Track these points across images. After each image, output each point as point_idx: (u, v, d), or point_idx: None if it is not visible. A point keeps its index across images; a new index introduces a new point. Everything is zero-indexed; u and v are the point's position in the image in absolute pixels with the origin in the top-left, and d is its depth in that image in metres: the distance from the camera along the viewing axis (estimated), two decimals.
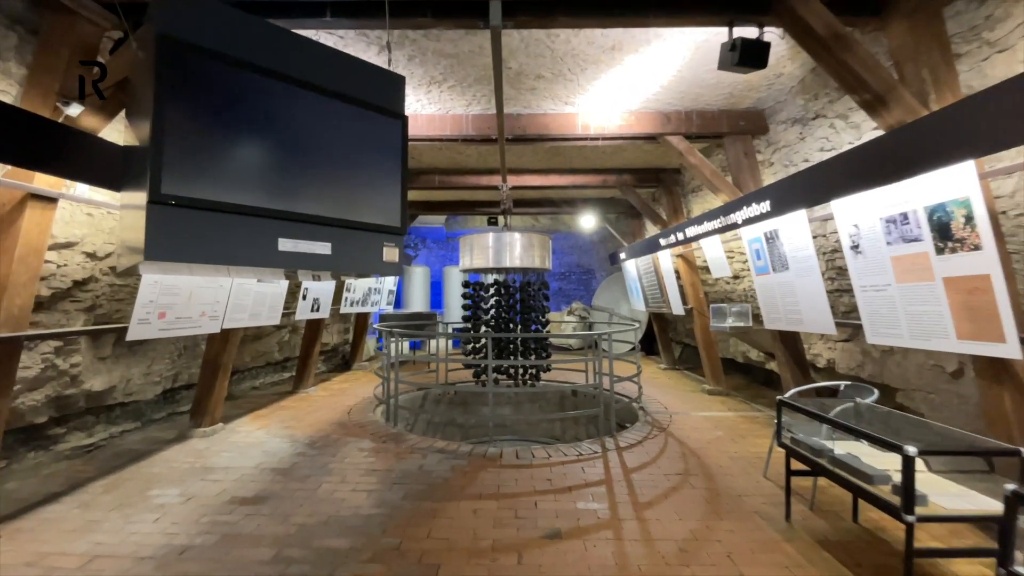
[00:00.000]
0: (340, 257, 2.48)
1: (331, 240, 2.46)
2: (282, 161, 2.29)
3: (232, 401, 6.76)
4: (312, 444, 4.88)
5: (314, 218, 2.39)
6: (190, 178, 2.03)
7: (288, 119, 2.31)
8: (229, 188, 2.13)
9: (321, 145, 2.42)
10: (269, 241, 2.27)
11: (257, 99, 2.21)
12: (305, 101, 2.37)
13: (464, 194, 9.30)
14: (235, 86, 2.14)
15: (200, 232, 2.07)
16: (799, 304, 4.52)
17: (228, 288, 4.92)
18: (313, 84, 2.37)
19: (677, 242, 6.56)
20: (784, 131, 5.06)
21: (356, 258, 2.56)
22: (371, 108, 2.63)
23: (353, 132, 2.55)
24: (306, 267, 2.41)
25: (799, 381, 5.09)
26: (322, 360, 9.52)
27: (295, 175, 2.33)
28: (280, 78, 2.27)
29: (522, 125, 5.12)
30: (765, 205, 4.29)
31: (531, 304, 6.34)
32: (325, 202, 2.43)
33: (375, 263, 2.63)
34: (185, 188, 2.02)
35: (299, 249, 2.35)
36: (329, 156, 2.45)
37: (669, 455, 4.61)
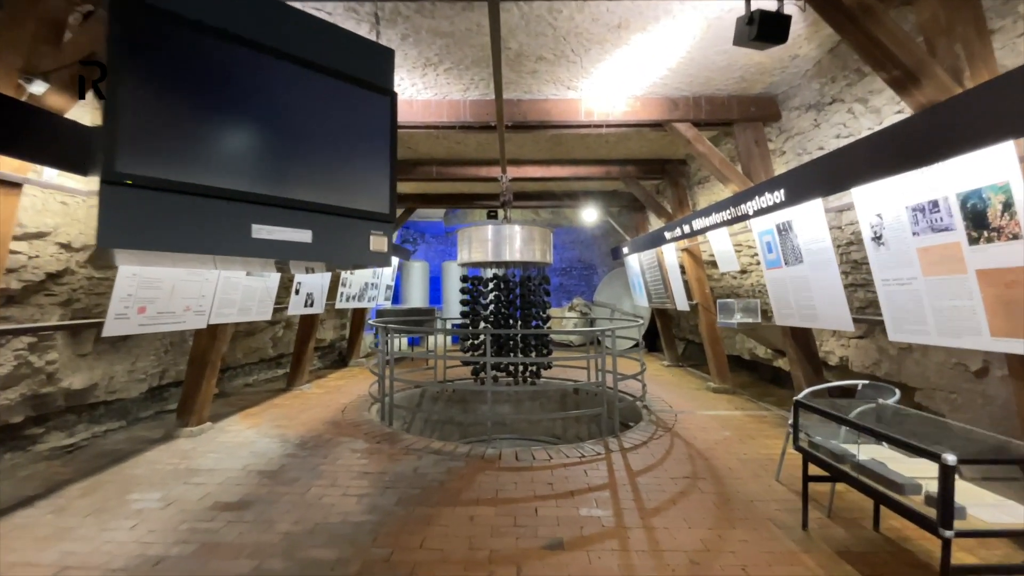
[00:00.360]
0: (322, 246, 2.26)
1: (311, 227, 2.24)
2: (256, 139, 2.07)
3: (224, 399, 6.56)
4: (303, 444, 4.68)
5: (292, 203, 2.16)
6: (150, 156, 1.81)
7: (263, 92, 2.09)
8: (195, 168, 1.91)
9: (300, 122, 2.20)
10: (241, 228, 2.05)
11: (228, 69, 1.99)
12: (282, 73, 2.15)
13: (463, 186, 9.07)
14: (203, 54, 1.91)
15: (161, 217, 1.85)
16: (813, 299, 4.30)
17: (215, 282, 4.70)
18: (292, 55, 2.15)
19: (683, 235, 6.34)
20: (797, 118, 4.82)
21: (340, 247, 2.34)
22: (357, 83, 2.40)
23: (337, 109, 2.33)
24: (284, 256, 2.19)
25: (811, 380, 4.88)
26: (318, 356, 9.31)
27: (271, 155, 2.11)
28: (254, 47, 2.04)
29: (522, 111, 4.89)
30: (779, 195, 4.06)
31: (531, 299, 6.12)
32: (305, 185, 2.21)
33: (361, 253, 2.41)
34: (143, 166, 1.79)
35: (275, 237, 2.13)
36: (309, 135, 2.23)
37: (676, 457, 4.41)
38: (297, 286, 6.41)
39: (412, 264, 13.04)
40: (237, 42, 1.99)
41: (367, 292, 9.21)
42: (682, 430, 5.20)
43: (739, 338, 7.80)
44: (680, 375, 8.40)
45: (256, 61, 2.06)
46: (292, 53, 2.15)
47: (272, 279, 5.73)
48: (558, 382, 7.74)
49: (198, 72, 1.91)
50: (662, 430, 5.19)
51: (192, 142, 1.90)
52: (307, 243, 2.23)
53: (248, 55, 2.02)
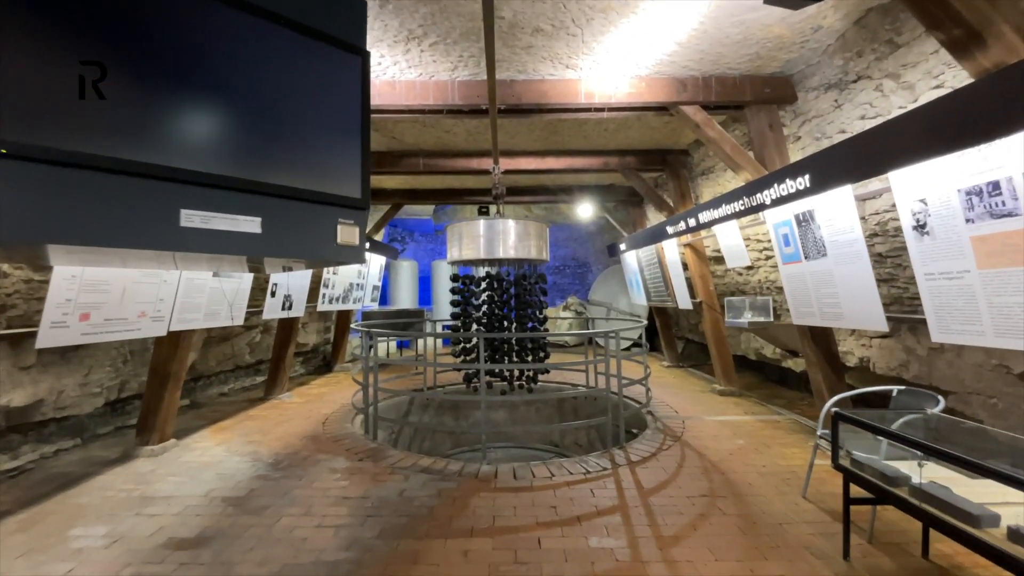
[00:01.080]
0: (274, 237, 1.80)
1: (261, 214, 1.78)
2: (187, 101, 1.60)
3: (195, 410, 6.05)
4: (277, 464, 4.20)
5: (236, 183, 1.70)
6: (30, 115, 1.34)
7: (197, 40, 1.63)
8: (99, 134, 1.44)
9: (247, 82, 1.74)
10: (165, 214, 1.59)
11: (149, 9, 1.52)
12: (223, 20, 1.69)
13: (452, 180, 8.61)
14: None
15: (50, 199, 1.38)
16: (839, 296, 3.91)
17: (175, 284, 4.21)
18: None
19: (687, 229, 5.94)
20: (815, 99, 4.44)
21: (298, 239, 1.88)
22: (320, 38, 1.95)
23: (295, 68, 1.87)
24: (224, 251, 1.73)
25: (832, 383, 4.50)
26: (300, 362, 8.81)
27: (208, 122, 1.65)
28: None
29: (516, 93, 4.45)
30: (802, 181, 3.67)
31: (527, 299, 5.69)
32: (253, 161, 1.75)
33: (326, 246, 1.96)
34: (24, 130, 1.33)
35: (212, 226, 1.66)
36: (259, 98, 1.77)
37: (689, 471, 4.00)
38: (273, 287, 5.92)
39: (400, 263, 12.55)
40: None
41: (352, 293, 8.72)
42: (692, 439, 4.81)
43: (744, 337, 7.44)
44: (682, 376, 8.03)
45: (190, 1, 1.60)
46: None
47: (245, 280, 5.25)
48: (555, 386, 7.36)
49: (101, 7, 1.45)
50: (670, 439, 4.79)
51: (96, 99, 1.44)
52: (255, 234, 1.78)
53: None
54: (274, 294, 5.94)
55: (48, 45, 1.35)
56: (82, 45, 1.41)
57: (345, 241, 2.03)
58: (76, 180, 1.40)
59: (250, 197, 1.75)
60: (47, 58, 1.35)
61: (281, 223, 1.83)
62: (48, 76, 1.34)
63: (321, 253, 1.97)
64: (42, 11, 1.35)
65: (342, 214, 2.02)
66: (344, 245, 2.02)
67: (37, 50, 1.33)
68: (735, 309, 5.57)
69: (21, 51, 1.30)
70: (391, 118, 5.35)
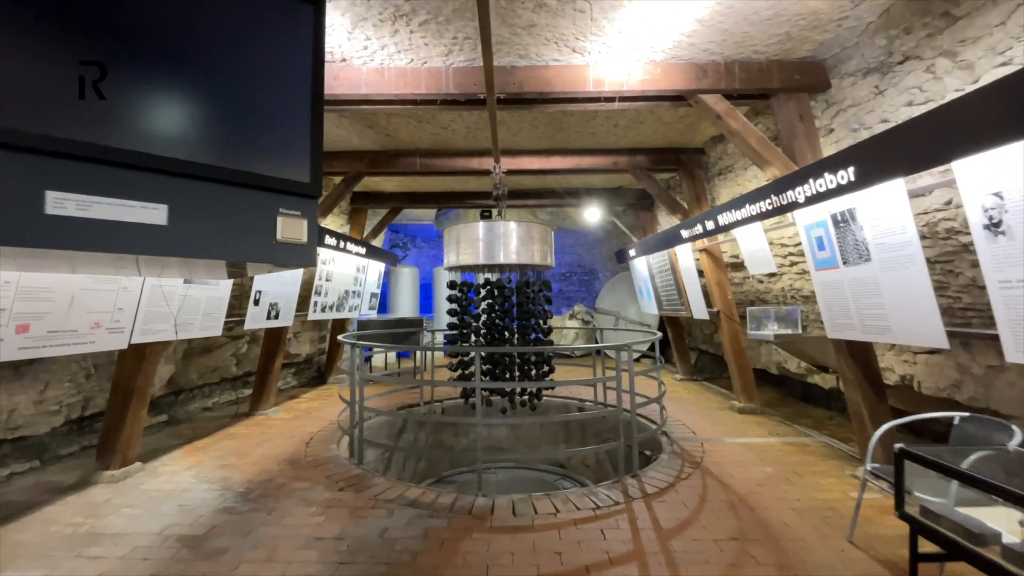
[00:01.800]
0: (187, 231, 1.35)
1: (168, 200, 1.33)
2: (55, 38, 1.17)
3: (172, 428, 5.62)
4: (247, 494, 3.74)
5: (130, 156, 1.27)
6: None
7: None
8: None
9: (149, 24, 1.31)
10: (22, 197, 1.15)
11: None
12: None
13: (452, 182, 8.19)
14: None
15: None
16: (885, 306, 3.42)
17: (137, 291, 3.79)
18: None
19: (704, 232, 5.47)
20: (852, 86, 3.97)
21: (220, 234, 1.43)
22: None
23: (223, 8, 1.44)
24: (112, 247, 1.28)
25: (873, 405, 3.99)
26: (292, 373, 8.38)
27: (88, 75, 1.21)
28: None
29: (518, 81, 4.02)
30: (844, 175, 3.20)
31: (530, 308, 5.23)
32: (158, 128, 1.31)
33: (259, 244, 1.51)
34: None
35: (93, 214, 1.22)
36: (166, 45, 1.34)
37: (713, 506, 3.50)
38: (257, 295, 5.49)
39: (401, 270, 12.14)
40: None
41: (347, 301, 8.30)
42: (713, 465, 4.30)
43: (764, 350, 6.92)
44: (697, 391, 7.50)
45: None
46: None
47: (222, 287, 4.83)
48: (561, 402, 6.87)
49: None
50: (689, 465, 4.29)
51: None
52: (159, 227, 1.33)
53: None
54: (258, 302, 5.52)
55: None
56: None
57: (288, 238, 1.57)
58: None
59: (152, 177, 1.31)
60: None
61: (197, 213, 1.38)
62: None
63: (253, 253, 1.51)
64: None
65: (284, 203, 1.57)
66: (286, 243, 1.57)
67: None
68: (758, 320, 5.08)
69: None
70: (383, 111, 4.94)
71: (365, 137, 5.91)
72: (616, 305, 11.44)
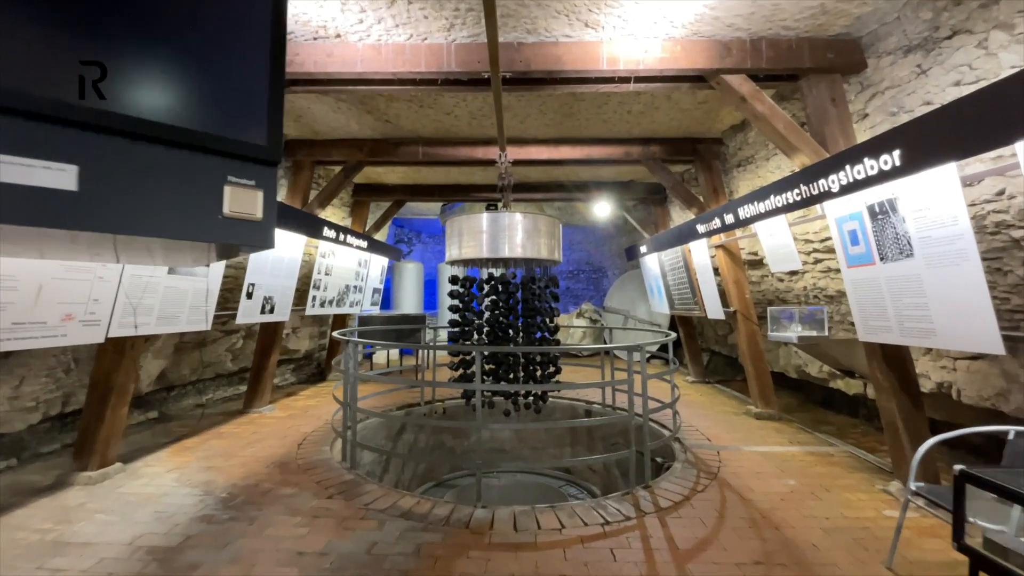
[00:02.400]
0: (103, 200, 1.07)
1: (78, 160, 1.05)
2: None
3: (162, 425, 5.40)
4: (229, 500, 3.49)
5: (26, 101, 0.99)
6: None
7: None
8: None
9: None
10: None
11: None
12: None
13: (457, 174, 7.91)
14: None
15: None
16: (929, 307, 3.09)
17: (115, 280, 3.54)
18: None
19: (723, 227, 5.14)
20: (891, 65, 3.63)
21: (147, 205, 1.15)
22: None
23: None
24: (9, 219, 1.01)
25: (909, 415, 3.66)
26: (291, 370, 8.15)
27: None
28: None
29: (525, 58, 3.72)
30: (888, 160, 2.87)
31: (536, 305, 4.93)
32: (64, 67, 1.03)
33: (199, 219, 1.22)
34: None
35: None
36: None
37: (733, 523, 3.20)
38: (250, 288, 5.24)
39: (404, 265, 11.89)
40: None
41: (348, 296, 8.05)
42: (731, 476, 3.99)
43: (783, 352, 6.58)
44: (710, 394, 7.17)
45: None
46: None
47: (212, 278, 4.58)
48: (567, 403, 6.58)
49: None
50: (705, 476, 3.98)
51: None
52: (68, 193, 1.05)
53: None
54: (251, 295, 5.27)
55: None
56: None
57: (237, 212, 1.28)
58: None
59: (56, 131, 1.03)
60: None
61: (116, 178, 1.10)
62: None
63: (191, 230, 1.23)
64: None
65: (234, 169, 1.29)
66: (235, 218, 1.28)
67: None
68: (780, 321, 4.75)
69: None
70: (381, 94, 4.67)
71: (364, 124, 5.63)
72: (625, 304, 11.12)
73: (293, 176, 6.30)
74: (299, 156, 6.19)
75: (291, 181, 6.31)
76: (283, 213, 5.32)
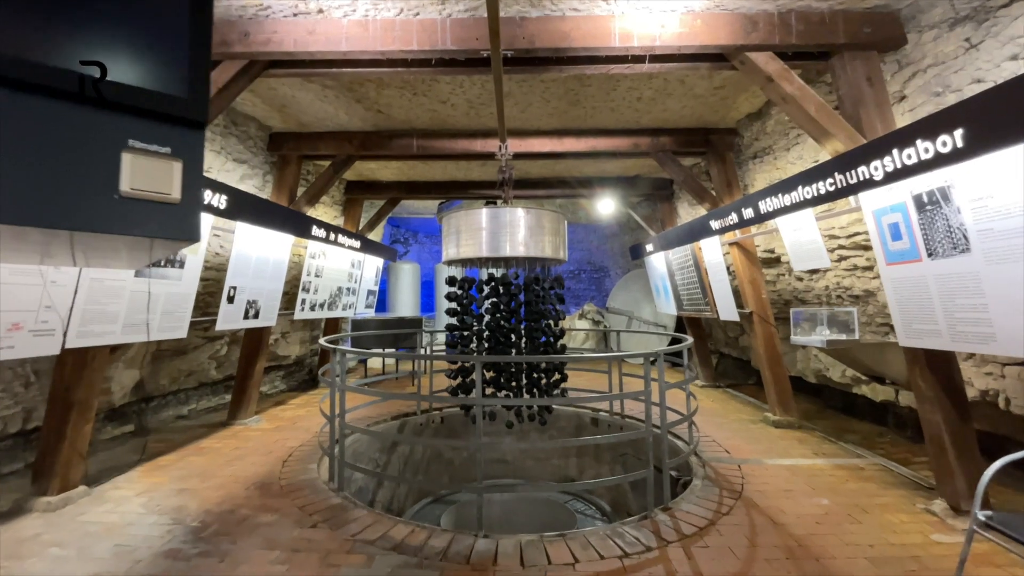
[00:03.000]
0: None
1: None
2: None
3: (139, 439, 5.01)
4: (200, 531, 3.11)
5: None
6: None
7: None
8: None
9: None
10: None
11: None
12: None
13: (455, 170, 7.53)
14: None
15: None
16: (989, 308, 2.73)
17: (72, 285, 3.16)
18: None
19: (740, 222, 4.78)
20: (934, 40, 3.27)
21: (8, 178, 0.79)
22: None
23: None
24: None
25: (955, 428, 3.30)
26: (281, 376, 7.76)
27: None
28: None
29: (528, 34, 3.35)
30: (947, 141, 2.51)
31: (540, 308, 4.56)
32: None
33: (85, 200, 0.86)
34: None
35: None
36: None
37: (768, 554, 2.83)
38: (231, 291, 4.86)
39: (401, 266, 11.51)
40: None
41: (340, 299, 7.68)
42: (756, 495, 3.63)
43: (801, 355, 6.22)
44: (722, 400, 6.81)
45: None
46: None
47: (186, 281, 4.20)
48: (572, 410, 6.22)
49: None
50: (729, 495, 3.62)
51: None
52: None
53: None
54: (232, 299, 4.89)
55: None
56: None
57: (143, 190, 0.90)
58: None
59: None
60: None
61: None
62: None
63: (71, 215, 0.86)
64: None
65: (138, 130, 0.92)
66: (141, 199, 0.91)
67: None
68: (806, 324, 4.39)
69: None
70: (370, 78, 4.30)
71: (354, 114, 5.26)
72: (629, 304, 10.76)
73: (279, 171, 5.91)
74: (285, 150, 5.81)
75: (277, 177, 5.93)
76: (267, 211, 4.95)
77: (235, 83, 3.60)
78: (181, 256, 4.07)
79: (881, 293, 4.42)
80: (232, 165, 5.35)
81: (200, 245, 4.26)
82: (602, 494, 5.70)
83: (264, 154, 5.82)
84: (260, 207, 4.80)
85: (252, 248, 4.99)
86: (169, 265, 3.96)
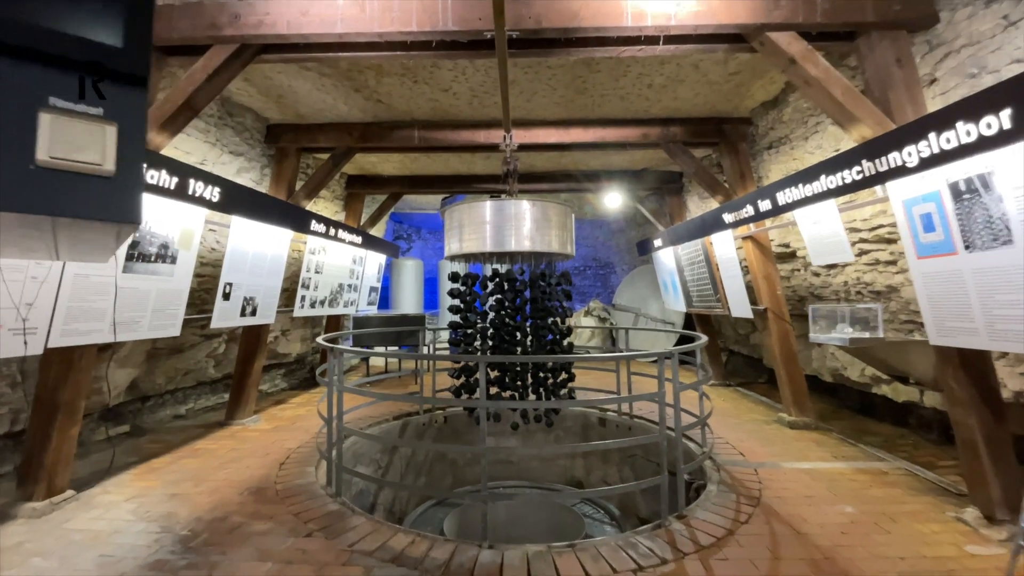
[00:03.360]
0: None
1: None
2: None
3: (134, 440, 4.87)
4: (189, 540, 2.95)
5: None
6: None
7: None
8: None
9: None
10: None
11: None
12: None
13: (458, 164, 7.35)
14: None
15: None
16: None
17: (55, 282, 3.00)
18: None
19: (756, 215, 4.58)
20: (968, 19, 3.06)
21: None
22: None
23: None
24: None
25: (990, 432, 3.10)
26: (281, 375, 7.62)
27: None
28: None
29: (535, 14, 3.15)
30: (993, 122, 2.30)
31: (546, 305, 4.39)
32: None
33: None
34: None
35: None
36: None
37: (792, 568, 2.65)
38: (227, 288, 4.70)
39: (404, 263, 11.34)
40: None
41: (342, 296, 7.51)
42: (776, 501, 3.44)
43: (816, 353, 6.02)
44: (734, 399, 6.61)
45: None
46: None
47: (179, 277, 4.04)
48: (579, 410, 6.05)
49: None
50: (746, 502, 3.43)
51: None
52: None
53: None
54: (228, 296, 4.73)
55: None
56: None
57: (63, 158, 0.72)
58: None
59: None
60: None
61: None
62: None
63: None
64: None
65: (59, 86, 0.73)
66: (59, 169, 0.72)
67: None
68: (826, 321, 4.19)
69: None
70: (369, 64, 4.11)
71: (353, 104, 5.07)
72: (636, 301, 10.56)
73: (277, 164, 5.74)
74: (283, 142, 5.64)
75: (275, 170, 5.76)
76: (263, 204, 4.78)
77: (226, 69, 3.42)
78: (173, 251, 3.91)
79: (905, 289, 4.21)
80: (228, 157, 5.18)
81: (194, 240, 4.10)
82: (610, 497, 5.52)
83: (261, 146, 5.65)
84: (255, 200, 4.63)
85: (248, 243, 4.82)
86: (160, 261, 3.80)
